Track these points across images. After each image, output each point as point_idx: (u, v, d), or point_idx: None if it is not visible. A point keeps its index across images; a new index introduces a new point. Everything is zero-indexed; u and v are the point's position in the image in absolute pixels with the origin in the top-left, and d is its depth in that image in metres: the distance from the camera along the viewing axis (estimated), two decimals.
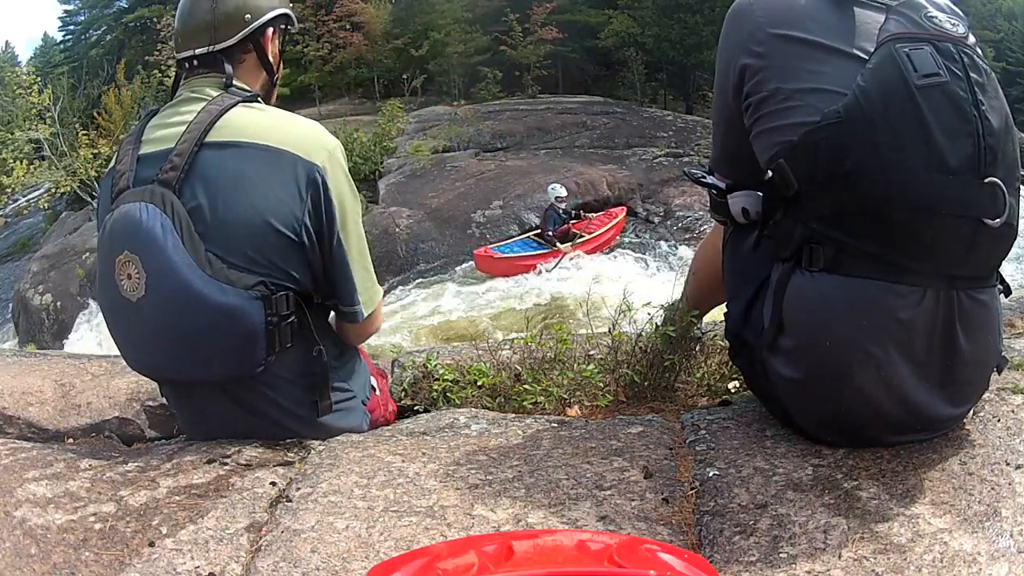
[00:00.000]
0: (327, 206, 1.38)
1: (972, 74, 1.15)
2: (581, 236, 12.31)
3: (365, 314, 1.51)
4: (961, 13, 1.23)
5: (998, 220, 1.14)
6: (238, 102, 1.39)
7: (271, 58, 1.53)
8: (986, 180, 1.13)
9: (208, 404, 1.50)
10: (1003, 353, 1.34)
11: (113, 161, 1.43)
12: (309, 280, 1.41)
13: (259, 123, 1.38)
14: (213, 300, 1.30)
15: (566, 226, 12.31)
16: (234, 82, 1.43)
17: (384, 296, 1.71)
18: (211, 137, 1.33)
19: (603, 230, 12.95)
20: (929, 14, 1.19)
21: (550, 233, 12.25)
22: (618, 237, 13.53)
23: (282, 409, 1.49)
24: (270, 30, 1.51)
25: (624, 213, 13.78)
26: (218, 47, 1.42)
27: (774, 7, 1.29)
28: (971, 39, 1.20)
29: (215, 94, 1.39)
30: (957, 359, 1.22)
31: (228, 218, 1.31)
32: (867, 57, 1.17)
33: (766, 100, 1.25)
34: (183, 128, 1.34)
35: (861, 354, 1.20)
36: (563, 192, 12.51)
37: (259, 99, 1.46)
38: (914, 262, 1.16)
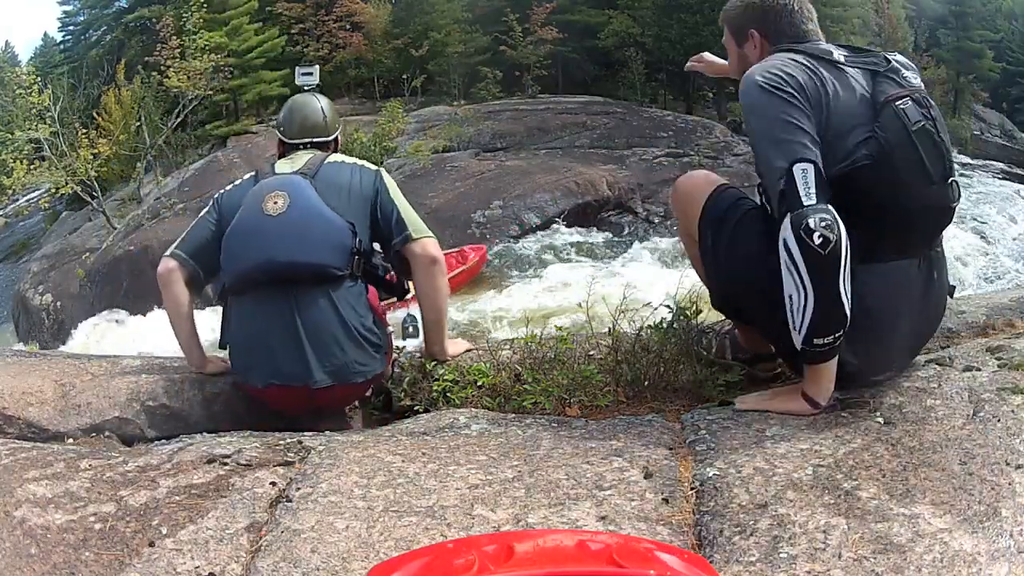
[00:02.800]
0: (381, 187, 2.19)
1: (933, 112, 1.60)
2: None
3: (415, 236, 2.13)
4: (914, 66, 1.73)
5: (955, 203, 1.65)
6: (331, 153, 2.30)
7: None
8: (949, 181, 1.62)
9: (296, 305, 2.00)
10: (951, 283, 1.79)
11: (253, 176, 2.22)
12: (368, 240, 2.14)
13: (347, 157, 2.27)
14: (328, 215, 2.05)
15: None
16: None
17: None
18: (327, 161, 2.19)
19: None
20: (904, 75, 1.64)
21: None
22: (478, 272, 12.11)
23: (356, 315, 2.05)
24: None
25: (480, 255, 12.25)
26: (329, 138, 2.36)
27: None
28: (921, 83, 1.67)
29: (317, 153, 2.26)
30: (932, 293, 1.70)
31: (341, 191, 2.11)
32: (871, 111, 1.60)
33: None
34: (303, 164, 2.17)
35: (892, 311, 1.62)
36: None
37: None
38: (918, 241, 1.66)
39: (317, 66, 2.60)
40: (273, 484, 1.37)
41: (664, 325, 1.97)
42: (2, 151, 16.45)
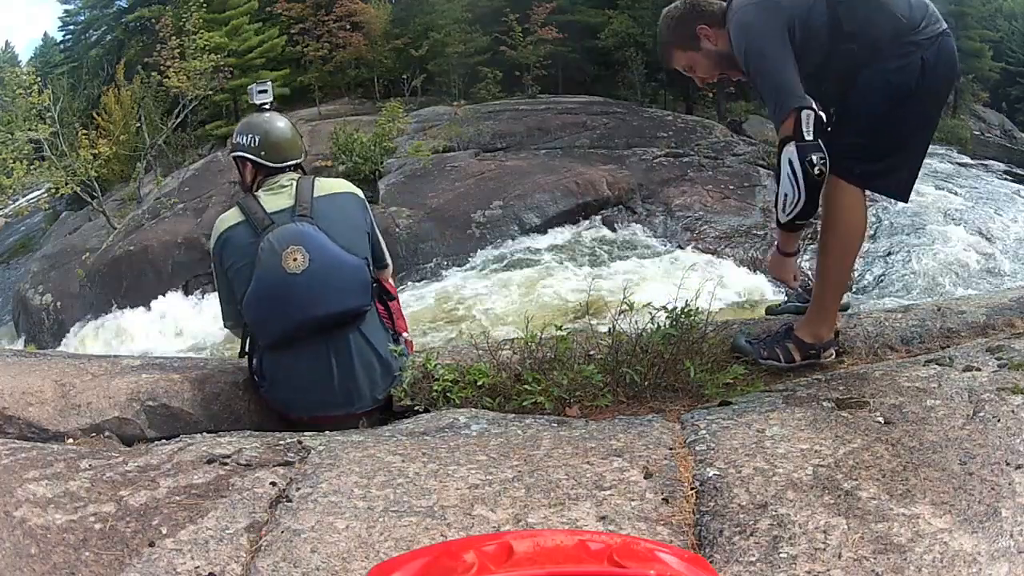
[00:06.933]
0: (369, 219, 2.32)
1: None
2: None
3: (390, 265, 2.44)
4: None
5: None
6: (314, 177, 2.27)
7: None
8: None
9: (333, 347, 2.13)
10: None
11: (237, 216, 2.17)
12: (371, 263, 2.25)
13: (332, 184, 2.29)
14: (348, 260, 2.15)
15: None
16: None
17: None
18: (316, 193, 2.19)
19: None
20: None
21: None
22: None
23: (383, 338, 2.23)
24: None
25: None
26: (303, 158, 2.36)
27: None
28: None
29: (297, 176, 2.28)
30: None
31: (343, 228, 2.18)
32: None
33: None
34: (292, 194, 2.17)
35: None
36: None
37: None
38: None
39: (270, 82, 2.54)
40: (273, 484, 1.37)
41: (665, 326, 1.97)
42: (2, 151, 16.42)
